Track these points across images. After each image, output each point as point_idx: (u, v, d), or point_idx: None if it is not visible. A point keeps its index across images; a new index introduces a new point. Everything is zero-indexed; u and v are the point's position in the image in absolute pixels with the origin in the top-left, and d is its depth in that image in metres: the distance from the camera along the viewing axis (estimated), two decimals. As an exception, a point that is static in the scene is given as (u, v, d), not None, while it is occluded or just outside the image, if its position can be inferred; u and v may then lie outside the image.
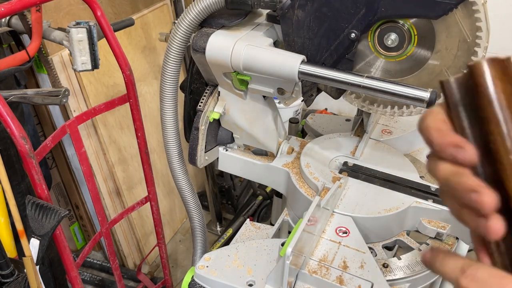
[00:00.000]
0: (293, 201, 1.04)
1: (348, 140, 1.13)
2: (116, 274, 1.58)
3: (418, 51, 0.87)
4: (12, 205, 0.99)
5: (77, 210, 2.05)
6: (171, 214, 2.29)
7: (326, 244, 0.87)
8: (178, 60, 0.99)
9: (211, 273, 0.86)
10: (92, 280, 2.04)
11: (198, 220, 1.27)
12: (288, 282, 0.77)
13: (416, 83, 0.88)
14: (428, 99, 0.76)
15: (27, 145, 0.99)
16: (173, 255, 2.23)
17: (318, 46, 0.88)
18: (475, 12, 0.78)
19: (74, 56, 1.16)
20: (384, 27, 0.86)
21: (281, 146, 1.10)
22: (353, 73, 0.83)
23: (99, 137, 1.74)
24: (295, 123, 1.49)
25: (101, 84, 1.70)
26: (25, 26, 1.22)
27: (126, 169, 1.90)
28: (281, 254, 0.80)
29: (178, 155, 1.13)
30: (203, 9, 0.90)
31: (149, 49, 1.92)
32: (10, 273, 0.99)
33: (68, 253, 1.20)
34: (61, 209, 1.05)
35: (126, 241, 2.00)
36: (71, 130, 1.23)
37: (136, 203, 1.56)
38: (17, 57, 1.15)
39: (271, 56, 0.86)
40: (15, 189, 1.22)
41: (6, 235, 1.04)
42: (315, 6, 0.85)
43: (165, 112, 1.06)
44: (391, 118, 1.23)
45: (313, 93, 1.01)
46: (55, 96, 1.18)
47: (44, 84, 1.60)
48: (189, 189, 1.20)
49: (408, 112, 0.93)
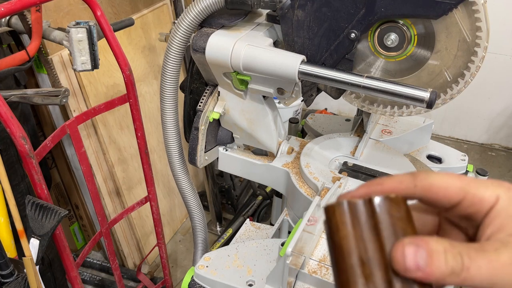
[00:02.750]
0: (293, 201, 1.04)
1: (348, 140, 1.13)
2: (116, 274, 1.58)
3: (418, 51, 0.87)
4: (12, 205, 0.99)
5: (77, 210, 2.05)
6: (171, 214, 2.29)
7: (326, 244, 0.87)
8: (178, 60, 0.99)
9: (211, 273, 0.86)
10: (92, 280, 2.04)
11: (199, 220, 1.27)
12: (288, 282, 0.77)
13: (416, 83, 0.88)
14: (428, 99, 0.76)
15: (27, 145, 0.99)
16: (173, 255, 2.23)
17: (318, 46, 0.88)
18: (475, 12, 0.78)
19: (74, 56, 1.16)
20: (384, 27, 0.86)
21: (281, 146, 1.10)
22: (353, 73, 0.84)
23: (99, 137, 1.74)
24: (295, 123, 1.49)
25: (101, 84, 1.70)
26: (25, 26, 1.22)
27: (126, 169, 1.90)
28: (281, 254, 0.80)
29: (178, 154, 1.13)
30: (203, 9, 0.90)
31: (149, 49, 1.92)
32: (10, 273, 0.99)
33: (68, 253, 1.20)
34: (61, 209, 1.05)
35: (126, 241, 2.00)
36: (71, 130, 1.23)
37: (136, 203, 1.56)
38: (17, 57, 1.15)
39: (271, 56, 0.86)
40: (15, 189, 1.23)
41: (6, 235, 1.04)
42: (315, 6, 0.85)
43: (165, 112, 1.06)
44: (391, 118, 1.23)
45: (313, 93, 1.01)
46: (55, 96, 1.18)
47: (44, 84, 1.60)
48: (190, 189, 1.20)
49: (408, 112, 0.93)
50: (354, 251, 0.32)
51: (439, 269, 0.30)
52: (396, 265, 0.31)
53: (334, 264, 0.34)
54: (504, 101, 2.74)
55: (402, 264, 0.31)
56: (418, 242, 0.31)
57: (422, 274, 0.30)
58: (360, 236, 0.33)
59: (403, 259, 0.31)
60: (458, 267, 0.30)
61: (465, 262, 0.30)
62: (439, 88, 0.88)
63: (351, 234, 0.33)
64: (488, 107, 2.80)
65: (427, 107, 0.78)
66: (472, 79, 0.85)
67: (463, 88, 0.87)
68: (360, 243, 0.32)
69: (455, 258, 0.31)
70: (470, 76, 0.84)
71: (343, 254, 0.33)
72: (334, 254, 0.34)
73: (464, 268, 0.30)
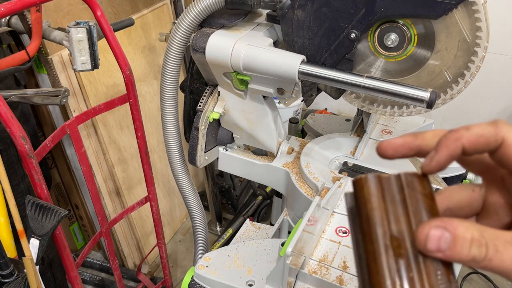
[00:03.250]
0: (293, 201, 1.04)
1: (348, 140, 1.13)
2: (116, 274, 1.58)
3: (418, 51, 0.87)
4: (12, 205, 0.99)
5: (77, 210, 2.05)
6: (171, 214, 2.29)
7: (326, 244, 0.87)
8: (178, 60, 0.99)
9: (211, 273, 0.86)
10: (92, 280, 2.04)
11: (199, 220, 1.27)
12: (288, 282, 0.77)
13: (416, 83, 0.88)
14: (428, 99, 0.76)
15: (27, 145, 0.99)
16: (173, 255, 2.23)
17: (318, 46, 0.88)
18: (475, 12, 0.78)
19: (74, 56, 1.16)
20: (384, 27, 0.86)
21: (281, 146, 1.10)
22: (353, 73, 0.83)
23: (99, 137, 1.74)
24: (295, 123, 1.49)
25: (101, 84, 1.70)
26: (25, 26, 1.22)
27: (126, 169, 1.90)
28: (281, 254, 0.80)
29: (179, 154, 1.13)
30: (203, 9, 0.90)
31: (149, 49, 1.92)
32: (10, 273, 0.99)
33: (68, 253, 1.20)
34: (60, 209, 1.05)
35: (126, 241, 2.00)
36: (71, 130, 1.23)
37: (136, 203, 1.56)
38: (17, 57, 1.15)
39: (271, 56, 0.86)
40: (15, 189, 1.23)
41: (6, 235, 1.04)
42: (315, 6, 0.85)
43: (166, 112, 1.06)
44: (391, 118, 1.23)
45: (313, 93, 1.01)
46: (54, 96, 1.18)
47: (44, 84, 1.60)
48: (190, 189, 1.20)
49: (408, 112, 0.93)
50: (384, 222, 0.33)
51: (459, 255, 0.30)
52: (418, 244, 0.31)
53: (361, 236, 0.34)
54: (504, 101, 2.74)
55: (423, 245, 0.31)
56: (446, 226, 0.31)
57: (441, 255, 0.31)
58: (389, 209, 0.34)
59: (426, 239, 0.31)
60: (480, 257, 0.30)
61: (489, 254, 0.30)
62: (439, 88, 0.88)
63: (381, 206, 0.34)
64: (488, 107, 2.79)
65: (427, 107, 0.78)
66: (472, 79, 0.85)
67: (463, 88, 0.87)
68: (389, 216, 0.33)
69: (480, 249, 0.30)
70: (470, 76, 0.84)
71: (372, 225, 0.33)
72: (362, 226, 0.34)
73: (486, 259, 0.30)
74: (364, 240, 0.34)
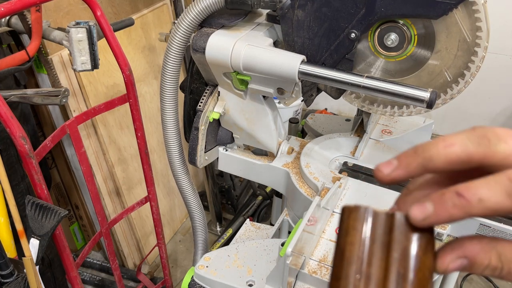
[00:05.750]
0: (293, 201, 1.04)
1: (348, 140, 1.13)
2: (116, 274, 1.58)
3: (418, 51, 0.87)
4: (12, 205, 0.99)
5: (77, 210, 2.05)
6: (171, 214, 2.29)
7: (326, 244, 0.87)
8: (178, 60, 0.99)
9: (211, 273, 0.86)
10: (92, 280, 2.04)
11: (199, 220, 1.27)
12: (288, 282, 0.77)
13: (416, 83, 0.88)
14: (428, 99, 0.76)
15: (27, 145, 0.99)
16: (173, 255, 2.23)
17: (318, 46, 0.88)
18: (475, 12, 0.78)
19: (74, 56, 1.16)
20: (384, 27, 0.86)
21: (281, 146, 1.10)
22: (353, 73, 0.83)
23: (99, 137, 1.74)
24: (295, 123, 1.49)
25: (101, 84, 1.70)
26: (24, 26, 1.22)
27: (126, 169, 1.90)
28: (281, 254, 0.80)
29: (179, 154, 1.13)
30: (203, 9, 0.90)
31: (149, 49, 1.92)
32: (10, 273, 0.99)
33: (68, 253, 1.20)
34: (60, 209, 1.05)
35: (126, 241, 2.00)
36: (71, 130, 1.23)
37: (136, 203, 1.56)
38: (16, 57, 1.15)
39: (271, 56, 0.86)
40: (15, 189, 1.23)
41: (6, 235, 1.04)
42: (315, 6, 0.85)
43: (166, 112, 1.06)
44: (391, 118, 1.23)
45: (313, 93, 1.01)
46: (54, 96, 1.18)
47: (43, 84, 1.60)
48: (190, 189, 1.20)
49: (408, 112, 0.93)
50: (356, 262, 0.30)
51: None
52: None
53: (331, 268, 0.32)
54: (504, 101, 2.74)
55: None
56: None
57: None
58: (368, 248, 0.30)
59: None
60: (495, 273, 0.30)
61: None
62: (439, 88, 0.88)
63: (358, 243, 0.30)
64: (488, 107, 2.79)
65: (427, 107, 0.78)
66: (472, 79, 0.85)
67: (463, 88, 0.87)
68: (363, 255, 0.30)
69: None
70: (470, 76, 0.84)
71: (343, 261, 0.31)
72: (334, 258, 0.31)
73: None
74: (333, 274, 0.31)
